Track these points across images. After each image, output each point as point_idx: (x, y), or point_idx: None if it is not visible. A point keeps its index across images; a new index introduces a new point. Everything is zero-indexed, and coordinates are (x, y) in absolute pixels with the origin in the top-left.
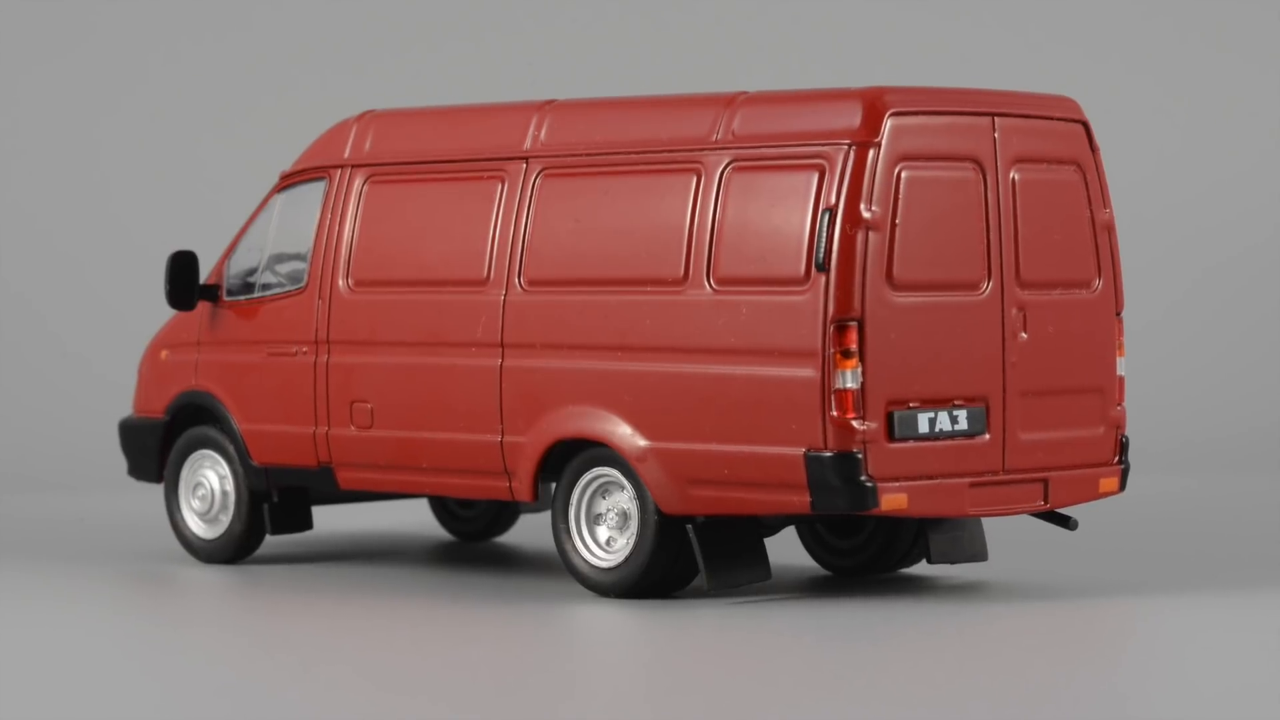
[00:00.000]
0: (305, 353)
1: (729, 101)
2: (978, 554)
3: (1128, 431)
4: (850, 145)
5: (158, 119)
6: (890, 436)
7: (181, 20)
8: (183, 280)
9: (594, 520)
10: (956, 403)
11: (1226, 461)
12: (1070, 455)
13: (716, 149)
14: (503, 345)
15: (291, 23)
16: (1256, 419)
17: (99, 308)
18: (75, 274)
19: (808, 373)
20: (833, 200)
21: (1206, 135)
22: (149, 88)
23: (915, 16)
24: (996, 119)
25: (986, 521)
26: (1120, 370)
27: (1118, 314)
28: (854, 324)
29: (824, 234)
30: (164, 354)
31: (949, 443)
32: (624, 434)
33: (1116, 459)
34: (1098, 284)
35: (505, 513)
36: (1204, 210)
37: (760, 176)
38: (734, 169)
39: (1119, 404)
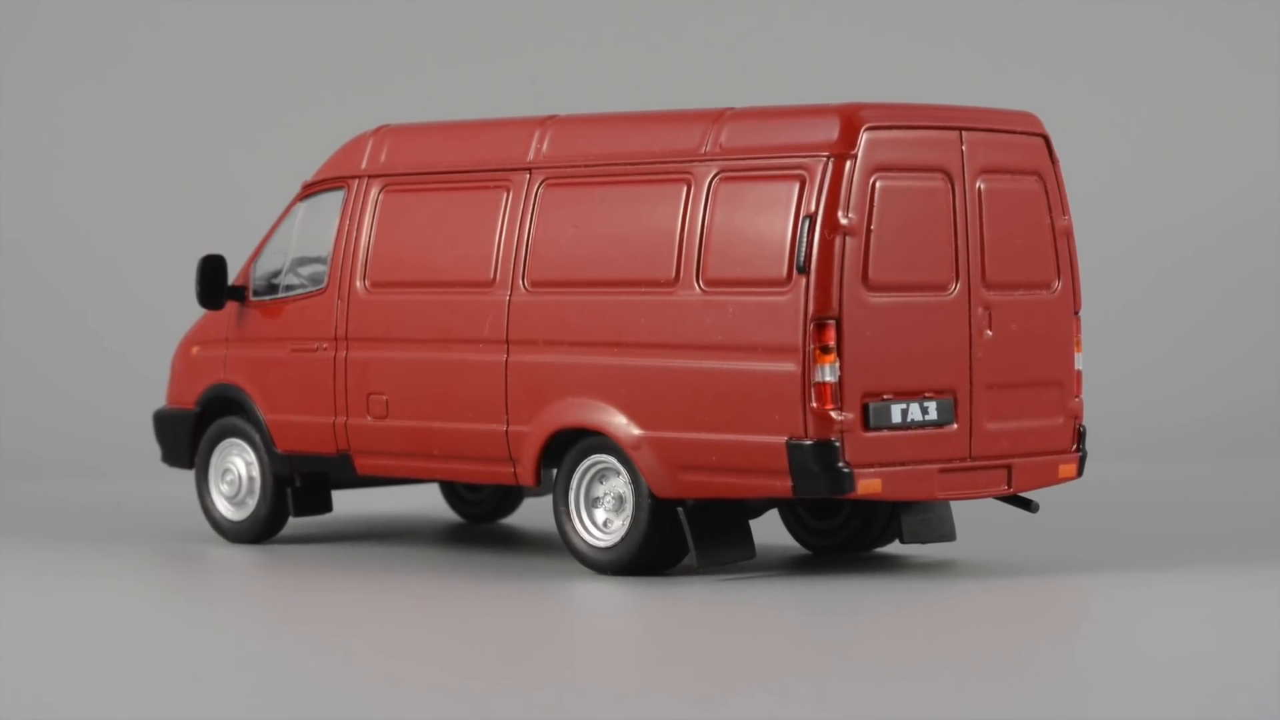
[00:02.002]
0: (325, 349)
1: (717, 116)
2: (946, 534)
3: (1085, 421)
4: (829, 157)
5: (189, 133)
6: (866, 426)
7: (212, 41)
8: (212, 282)
9: (592, 503)
10: (927, 395)
11: (1176, 449)
12: (1032, 443)
13: (705, 160)
14: (508, 342)
15: (313, 45)
16: (1204, 410)
17: (135, 307)
18: (112, 276)
19: (789, 367)
20: (813, 208)
21: (1158, 147)
22: (181, 103)
23: (889, 39)
24: (964, 133)
25: (955, 504)
26: (1078, 365)
27: (1076, 313)
28: (832, 322)
29: (804, 239)
30: (195, 350)
31: (920, 432)
32: (620, 424)
33: (1074, 447)
34: (1057, 285)
35: (510, 497)
36: (1156, 217)
37: (746, 186)
38: (721, 179)
39: (1077, 396)
